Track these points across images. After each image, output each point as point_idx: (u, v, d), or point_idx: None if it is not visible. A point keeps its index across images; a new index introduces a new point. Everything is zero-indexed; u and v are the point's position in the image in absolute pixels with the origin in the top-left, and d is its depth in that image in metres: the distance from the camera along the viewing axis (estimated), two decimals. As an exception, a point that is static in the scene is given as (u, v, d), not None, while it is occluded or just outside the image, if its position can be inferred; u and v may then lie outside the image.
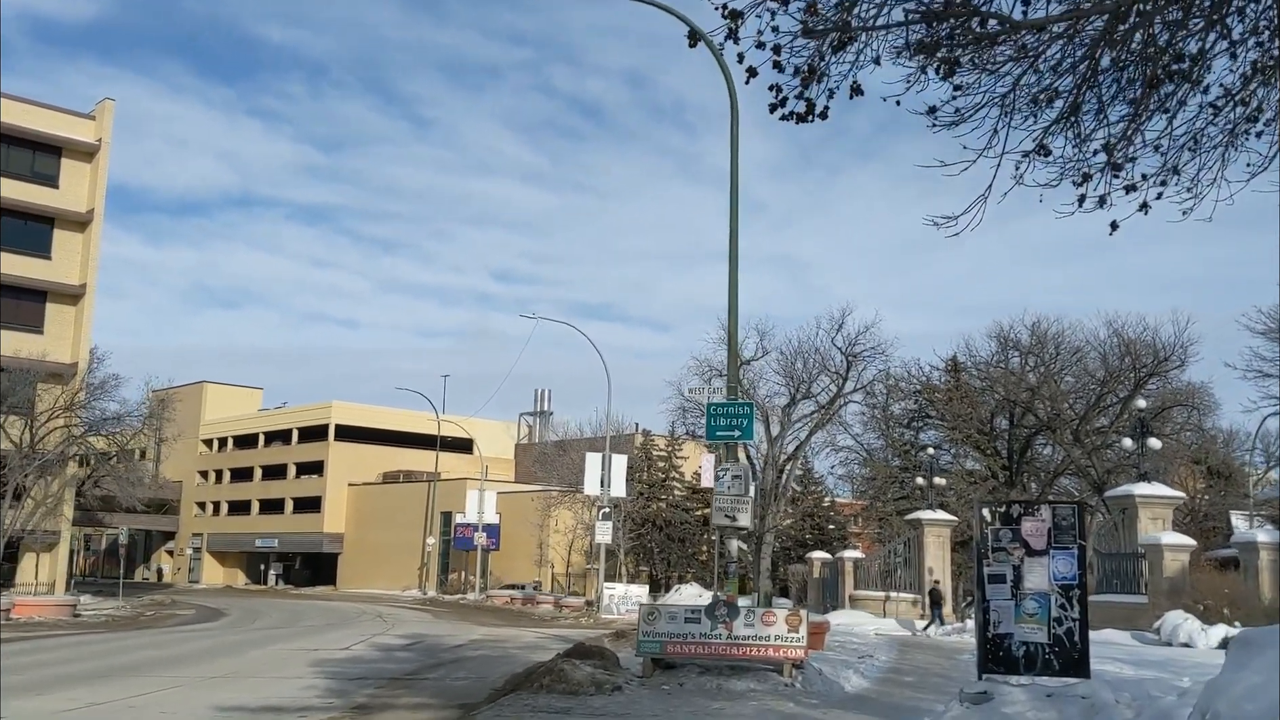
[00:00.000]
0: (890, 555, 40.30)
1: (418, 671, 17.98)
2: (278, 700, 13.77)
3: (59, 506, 49.61)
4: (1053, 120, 7.36)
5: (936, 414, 50.03)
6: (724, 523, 16.31)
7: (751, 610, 14.61)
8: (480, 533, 62.85)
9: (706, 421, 16.94)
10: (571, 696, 12.86)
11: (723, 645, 14.28)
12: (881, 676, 17.00)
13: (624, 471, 40.30)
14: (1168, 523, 29.12)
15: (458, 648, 23.73)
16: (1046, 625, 10.37)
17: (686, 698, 13.07)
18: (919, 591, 37.93)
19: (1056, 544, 10.47)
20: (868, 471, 52.72)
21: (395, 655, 21.46)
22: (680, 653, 14.41)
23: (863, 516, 62.69)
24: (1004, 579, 10.48)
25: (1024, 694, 10.06)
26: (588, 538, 51.48)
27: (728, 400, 17.00)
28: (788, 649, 14.09)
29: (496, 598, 54.12)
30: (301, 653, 21.63)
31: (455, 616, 42.93)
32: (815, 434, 49.79)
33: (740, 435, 16.78)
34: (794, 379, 48.08)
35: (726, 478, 16.52)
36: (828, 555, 45.14)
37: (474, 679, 16.54)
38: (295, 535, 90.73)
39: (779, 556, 59.59)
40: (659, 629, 14.52)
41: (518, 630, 32.27)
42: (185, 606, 51.00)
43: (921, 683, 16.53)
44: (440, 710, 12.86)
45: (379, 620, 38.48)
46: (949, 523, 38.66)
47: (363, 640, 25.73)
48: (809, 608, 43.66)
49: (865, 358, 47.41)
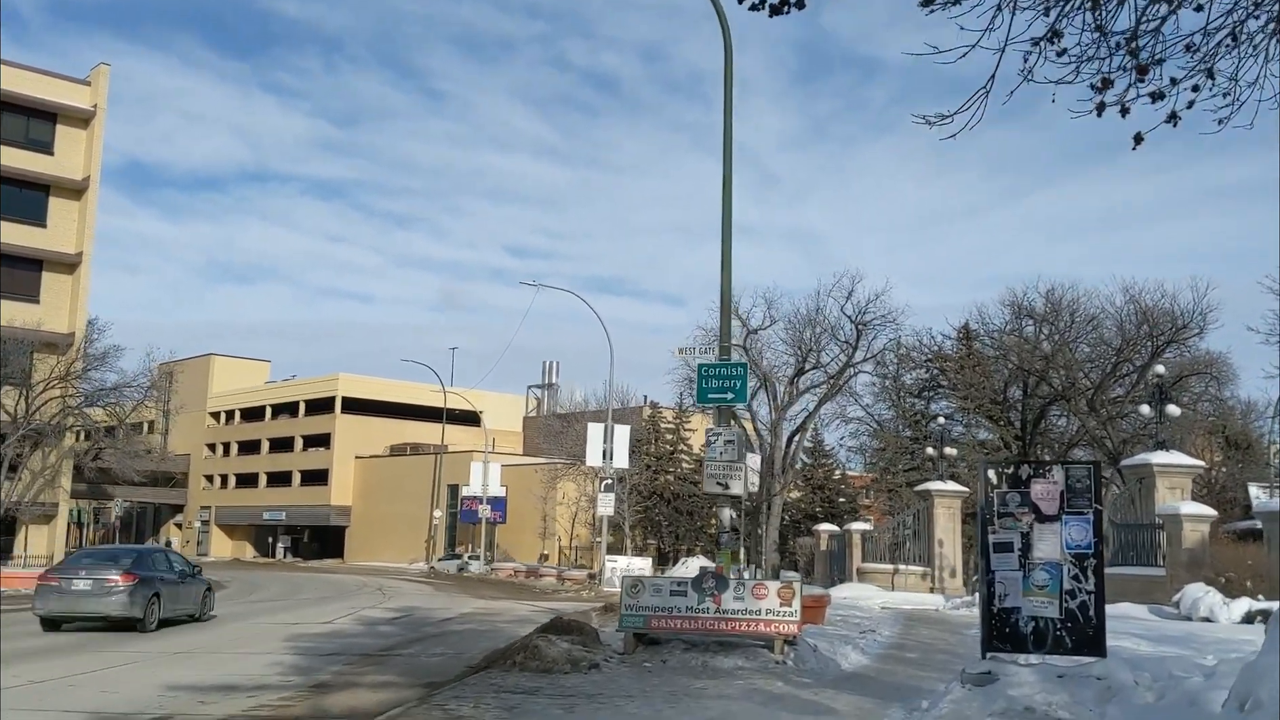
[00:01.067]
0: (899, 527, 39.29)
1: (395, 647, 17.11)
2: (235, 678, 12.91)
3: (57, 479, 49.01)
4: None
5: (948, 384, 48.91)
6: (715, 490, 15.34)
7: (741, 583, 13.62)
8: (485, 505, 62.08)
9: (697, 384, 15.95)
10: (544, 675, 11.93)
11: (710, 620, 13.31)
12: (883, 653, 16.02)
13: (627, 442, 39.34)
14: (1186, 493, 28.02)
15: (445, 621, 22.88)
16: (1058, 598, 9.34)
17: (668, 676, 12.12)
18: (929, 564, 36.97)
19: (1070, 508, 9.43)
20: (878, 443, 51.66)
21: (378, 630, 20.61)
22: (665, 628, 13.45)
23: (873, 489, 61.72)
24: (1011, 547, 9.46)
25: (1032, 674, 9.07)
26: (592, 510, 50.60)
27: (719, 360, 15.99)
28: (779, 624, 13.12)
29: (501, 570, 53.41)
30: (282, 626, 20.80)
31: (456, 589, 42.18)
32: (825, 405, 48.81)
33: (733, 398, 15.79)
34: (802, 347, 47.05)
35: (719, 443, 15.54)
36: (835, 528, 44.20)
37: (451, 655, 15.66)
38: (303, 508, 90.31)
39: (788, 530, 58.70)
40: (642, 602, 13.57)
41: (513, 603, 31.45)
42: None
43: (925, 660, 15.56)
44: (403, 689, 11.96)
45: (377, 593, 37.75)
46: (959, 494, 37.60)
47: (350, 614, 24.91)
48: (816, 581, 42.74)
49: (875, 326, 46.37)
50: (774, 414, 46.43)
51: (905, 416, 51.53)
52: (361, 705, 10.81)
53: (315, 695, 11.63)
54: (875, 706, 10.37)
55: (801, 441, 51.25)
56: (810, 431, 53.08)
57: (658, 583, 13.88)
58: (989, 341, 49.06)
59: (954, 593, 35.75)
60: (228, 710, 10.45)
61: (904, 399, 51.18)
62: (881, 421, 52.21)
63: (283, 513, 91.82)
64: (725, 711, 9.90)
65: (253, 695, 11.47)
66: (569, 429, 61.52)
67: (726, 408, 16.03)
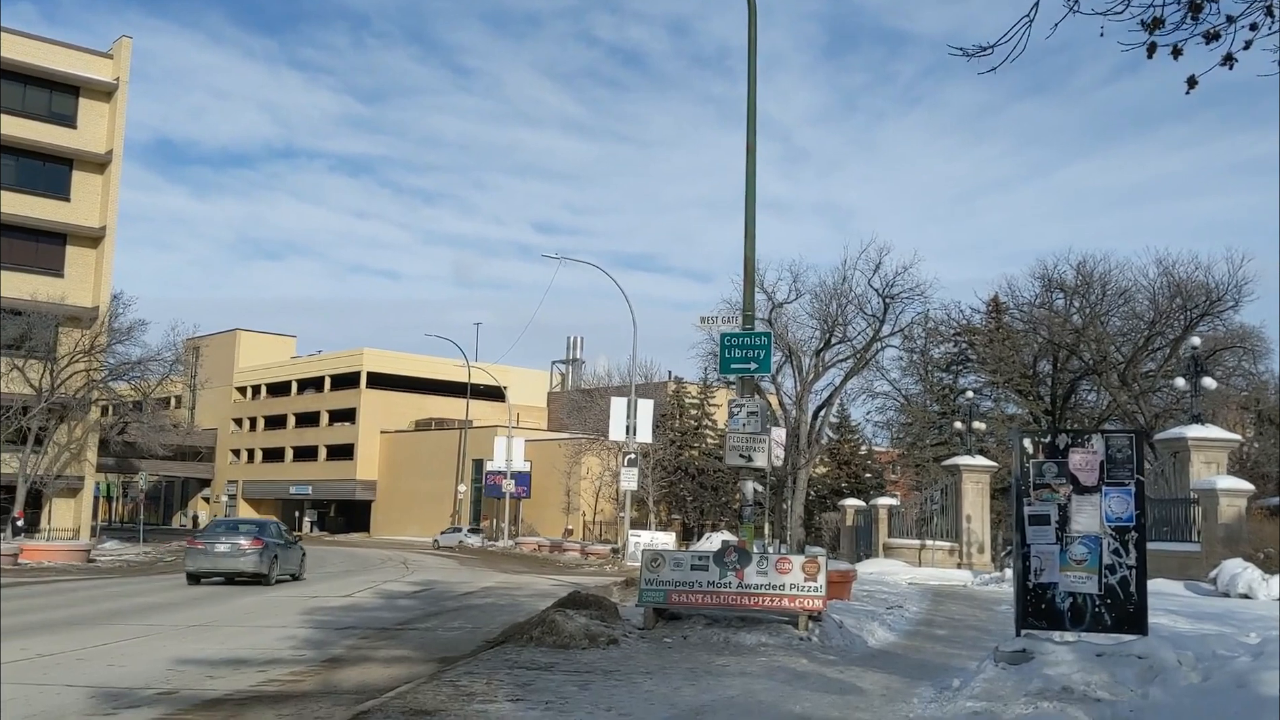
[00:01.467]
0: (927, 502, 38.78)
1: (412, 621, 16.83)
2: (246, 652, 12.64)
3: (83, 452, 49.19)
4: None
5: (977, 357, 48.23)
6: (738, 462, 14.92)
7: (765, 557, 13.22)
8: (509, 480, 61.97)
9: (720, 354, 15.51)
10: (561, 650, 11.59)
11: (732, 595, 12.92)
12: (910, 629, 15.61)
13: (650, 417, 38.93)
14: (1222, 467, 27.41)
15: (465, 595, 22.63)
16: (1097, 573, 8.89)
17: (688, 652, 11.75)
18: (956, 540, 36.49)
19: (1110, 479, 8.96)
20: (905, 418, 51.07)
21: (397, 603, 20.36)
22: (686, 603, 13.08)
23: (900, 464, 61.18)
24: (1047, 520, 9.01)
25: (1069, 653, 8.63)
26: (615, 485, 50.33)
27: (743, 330, 15.54)
28: (804, 599, 12.71)
29: (525, 544, 53.33)
30: (299, 600, 20.58)
31: (479, 563, 42.07)
32: (851, 379, 48.24)
33: (757, 368, 15.34)
34: (828, 321, 46.48)
35: (741, 414, 15.12)
36: (861, 503, 43.71)
37: (468, 630, 15.36)
38: (329, 482, 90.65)
39: (814, 505, 58.30)
40: (663, 577, 13.19)
41: (535, 577, 31.21)
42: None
43: (954, 636, 15.13)
44: (417, 664, 11.65)
45: (400, 567, 37.66)
46: (988, 469, 37.04)
47: (371, 587, 24.71)
48: (842, 556, 42.33)
49: (903, 300, 45.71)
50: (800, 388, 45.94)
51: (933, 391, 50.93)
52: (372, 680, 10.50)
53: (326, 670, 11.33)
54: (903, 685, 9.97)
55: (827, 416, 50.67)
56: (836, 406, 52.55)
57: (678, 557, 13.50)
58: (1018, 315, 48.34)
59: (982, 568, 35.28)
60: (235, 686, 10.16)
61: (932, 373, 50.56)
62: (909, 396, 51.64)
63: (309, 487, 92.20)
64: (746, 690, 9.52)
65: (262, 670, 11.19)
66: (592, 404, 61.26)
67: (750, 378, 15.62)
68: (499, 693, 9.01)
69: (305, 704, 9.21)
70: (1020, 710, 7.89)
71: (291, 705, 9.14)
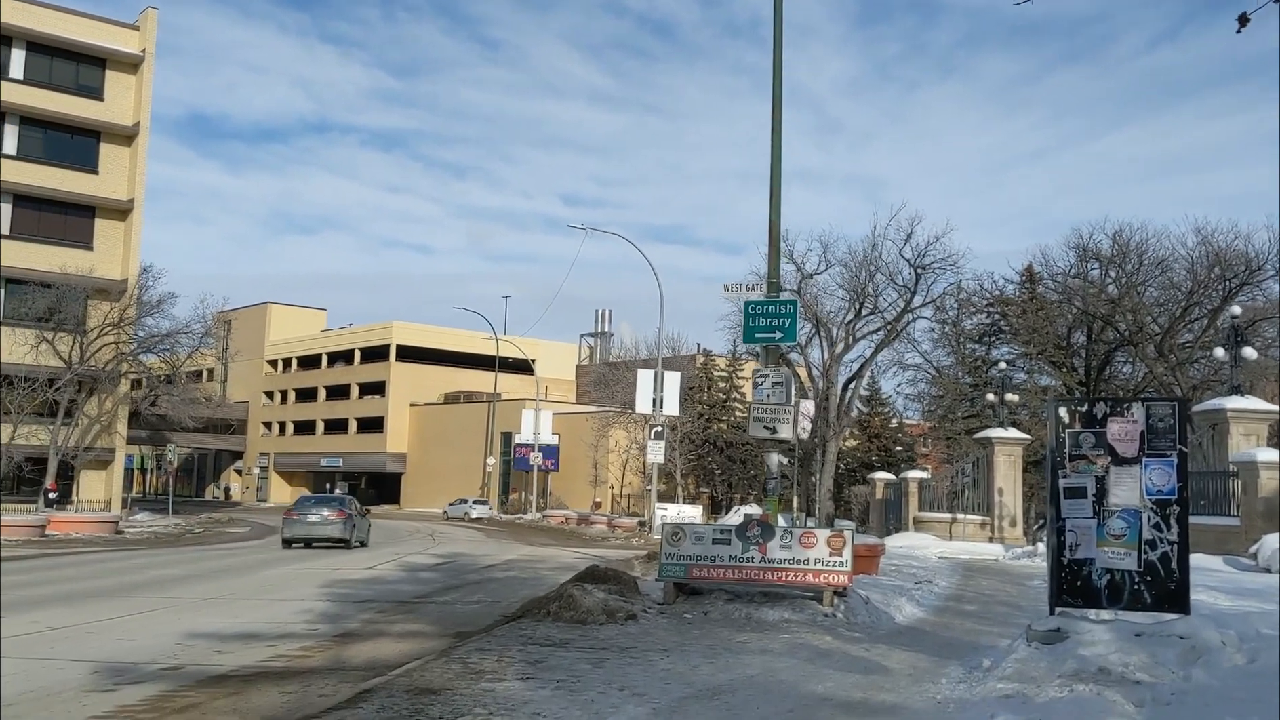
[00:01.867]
0: (958, 475, 38.26)
1: (432, 594, 16.59)
2: (260, 626, 12.42)
3: (113, 425, 49.40)
4: None
5: (1010, 329, 47.46)
6: (762, 434, 14.54)
7: (789, 531, 12.83)
8: (536, 453, 61.83)
9: (744, 322, 15.11)
10: (578, 626, 11.28)
11: (755, 569, 12.55)
12: (939, 605, 15.19)
13: (678, 389, 38.58)
14: (1262, 439, 26.73)
15: (489, 568, 22.41)
16: (1136, 549, 8.44)
17: (709, 628, 11.41)
18: (988, 513, 35.97)
19: (1150, 450, 8.49)
20: (936, 390, 50.38)
21: (419, 576, 20.16)
22: (707, 577, 12.72)
23: (930, 437, 60.53)
24: (1084, 493, 8.56)
25: (1107, 632, 8.21)
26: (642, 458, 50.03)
27: (767, 298, 15.10)
28: (829, 574, 12.33)
29: (552, 517, 53.24)
30: (321, 572, 20.41)
31: (506, 535, 41.98)
32: (882, 351, 47.56)
33: (782, 337, 14.92)
34: (858, 291, 45.78)
35: (766, 385, 14.72)
36: (891, 476, 43.24)
37: (487, 604, 15.10)
38: (359, 455, 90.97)
39: (843, 478, 57.85)
40: (684, 551, 12.84)
41: (561, 550, 31.01)
42: (241, 524, 50.90)
43: (985, 613, 14.72)
44: (431, 639, 11.38)
45: (427, 539, 37.62)
46: (1021, 441, 36.45)
47: (394, 560, 24.55)
48: (871, 530, 41.91)
49: (935, 270, 44.89)
50: (829, 359, 45.34)
51: (965, 363, 50.23)
52: (383, 656, 10.23)
53: (337, 645, 11.08)
54: (931, 664, 9.58)
55: (857, 388, 50.04)
56: (866, 378, 51.90)
57: (699, 530, 13.13)
58: (1053, 285, 47.50)
59: (1013, 542, 34.78)
60: (242, 661, 9.92)
61: (964, 345, 49.84)
62: (940, 368, 50.94)
63: (340, 459, 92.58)
64: (767, 668, 9.17)
65: (272, 645, 10.95)
66: (620, 377, 60.96)
67: (774, 348, 15.19)
68: (509, 670, 8.70)
69: (311, 680, 8.94)
70: (1054, 693, 7.48)
71: (297, 682, 8.88)
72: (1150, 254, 45.38)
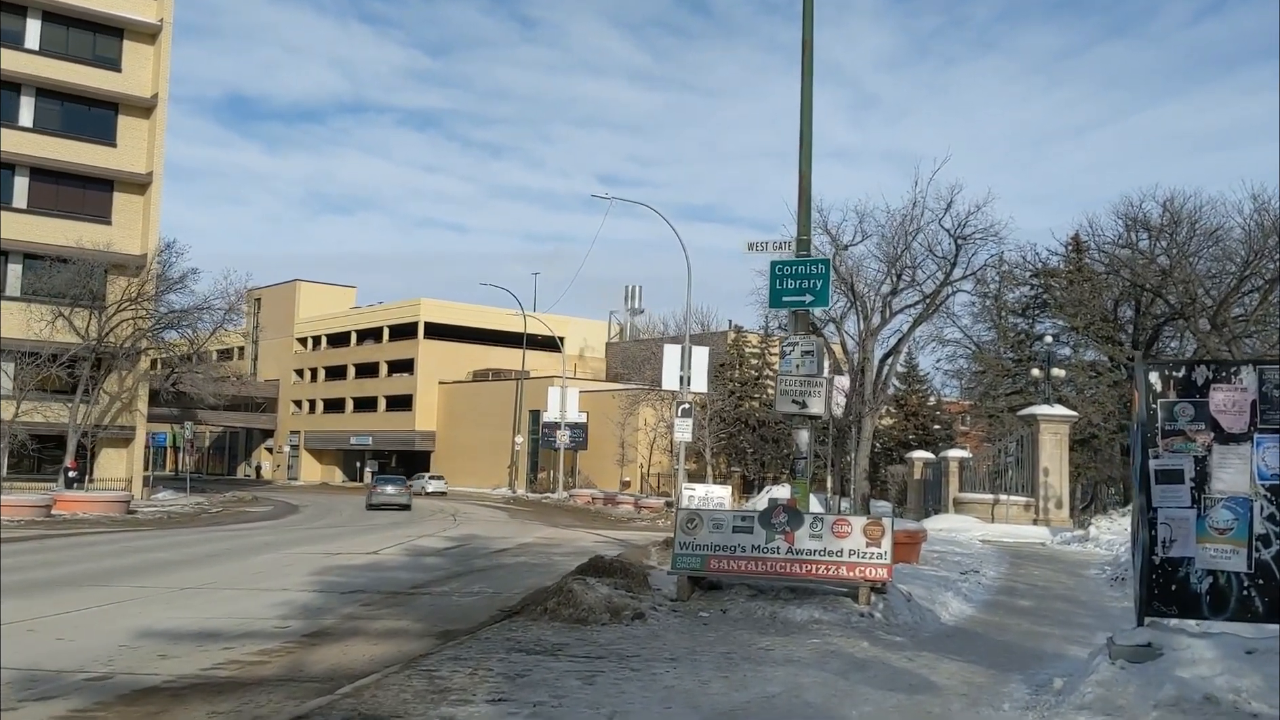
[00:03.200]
0: (1001, 454, 36.54)
1: (429, 583, 15.22)
2: (225, 621, 11.10)
3: (133, 402, 48.54)
4: None
5: (1055, 301, 45.46)
6: (790, 409, 13.03)
7: (820, 518, 11.32)
8: (562, 431, 60.48)
9: (770, 285, 13.56)
10: (577, 626, 9.86)
11: (781, 561, 11.07)
12: (990, 599, 13.64)
13: (706, 364, 36.86)
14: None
15: (499, 553, 21.03)
16: (1246, 546, 6.86)
17: (725, 630, 9.94)
18: (1032, 494, 34.26)
19: (1264, 424, 6.91)
20: (977, 366, 48.42)
21: (423, 561, 18.81)
22: (726, 570, 11.25)
23: (970, 414, 58.62)
24: (1180, 477, 6.98)
25: (1211, 649, 6.66)
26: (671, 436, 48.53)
27: (797, 257, 13.54)
28: (865, 568, 10.82)
29: (579, 497, 51.93)
30: (321, 556, 19.13)
31: (530, 516, 40.71)
32: (920, 326, 45.67)
33: (813, 301, 13.37)
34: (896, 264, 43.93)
35: (795, 354, 13.20)
36: (930, 455, 41.55)
37: (488, 595, 13.72)
38: (388, 433, 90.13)
39: (880, 457, 56.14)
40: (700, 540, 11.37)
41: (583, 532, 29.63)
42: (264, 503, 49.92)
43: (1043, 609, 13.16)
44: (411, 640, 10.00)
45: (448, 519, 36.46)
46: (1068, 418, 34.67)
47: (402, 543, 23.23)
48: (909, 511, 40.30)
49: (976, 241, 42.91)
50: (864, 333, 43.57)
51: (1006, 339, 48.28)
52: (349, 662, 8.86)
53: (302, 648, 9.72)
54: (989, 679, 8.07)
55: (895, 364, 48.20)
56: (904, 354, 50.03)
57: (719, 517, 11.64)
58: (1100, 256, 45.44)
59: (1060, 525, 33.10)
60: (183, 669, 8.57)
61: (1005, 318, 47.87)
62: (980, 344, 48.96)
63: (369, 438, 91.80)
64: (792, 684, 7.69)
65: (229, 647, 9.61)
66: (649, 354, 59.41)
67: (804, 313, 13.64)
68: (481, 688, 7.28)
69: (251, 696, 7.56)
70: (1150, 728, 5.96)
71: (234, 698, 7.50)
72: (1203, 224, 43.23)
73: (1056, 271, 45.57)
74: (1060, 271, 45.41)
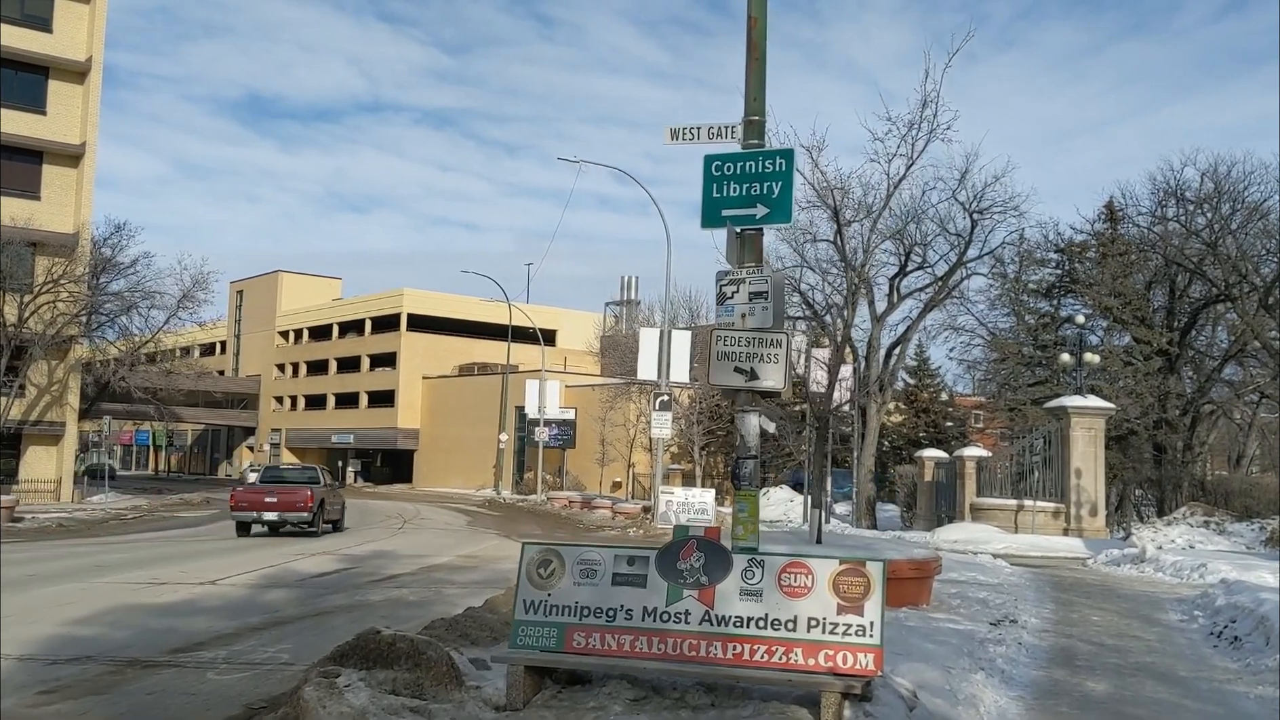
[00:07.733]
0: (1025, 453, 31.76)
1: (214, 640, 10.43)
2: None
3: (63, 395, 44.09)
4: None
5: (1083, 280, 40.51)
6: (732, 381, 8.27)
7: (757, 562, 6.60)
8: (543, 428, 55.77)
9: (703, 193, 8.80)
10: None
11: (692, 638, 6.31)
12: (1042, 679, 8.78)
13: (688, 351, 32.14)
14: None
15: (386, 581, 16.21)
16: None
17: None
18: (1062, 499, 29.47)
19: None
20: (994, 355, 43.40)
21: (263, 597, 14.00)
22: (599, 650, 6.49)
23: (986, 410, 53.71)
24: None
25: None
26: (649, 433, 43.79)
27: (743, 150, 8.76)
28: (836, 651, 6.06)
29: (557, 500, 47.21)
30: (128, 589, 14.33)
31: (493, 523, 36.01)
32: (931, 311, 40.71)
33: (769, 215, 8.60)
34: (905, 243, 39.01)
35: (739, 297, 8.48)
36: (943, 454, 36.72)
37: (275, 666, 9.02)
38: (370, 430, 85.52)
39: (887, 456, 51.30)
40: (559, 597, 6.63)
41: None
42: (210, 507, 45.07)
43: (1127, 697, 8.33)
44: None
45: (394, 524, 32.03)
46: (1103, 411, 29.88)
47: (274, 565, 18.26)
48: (919, 518, 35.46)
49: (994, 215, 37.90)
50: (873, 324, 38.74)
51: (1026, 324, 43.38)
52: None
53: None
54: None
55: (904, 355, 43.26)
56: (913, 343, 45.01)
57: (590, 559, 6.88)
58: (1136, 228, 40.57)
59: (1094, 536, 28.32)
60: None
61: (1026, 302, 42.98)
62: (997, 332, 43.98)
63: (350, 435, 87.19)
64: None
65: None
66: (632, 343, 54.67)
67: (754, 235, 8.81)
68: None
69: None
70: None
71: None
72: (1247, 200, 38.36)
73: (1085, 246, 40.66)
74: (1089, 246, 40.50)
